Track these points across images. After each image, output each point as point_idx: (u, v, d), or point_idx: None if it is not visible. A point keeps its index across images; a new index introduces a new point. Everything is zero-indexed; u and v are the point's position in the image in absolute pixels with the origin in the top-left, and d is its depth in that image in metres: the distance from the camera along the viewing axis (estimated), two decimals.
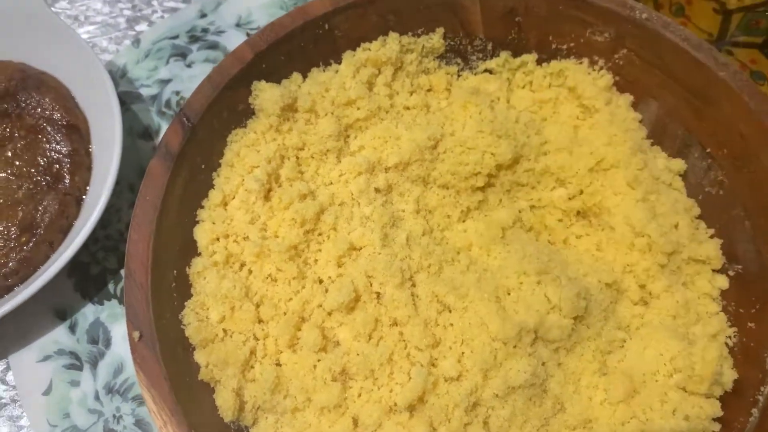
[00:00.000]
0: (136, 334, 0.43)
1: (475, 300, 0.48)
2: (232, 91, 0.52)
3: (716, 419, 0.48)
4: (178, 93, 0.70)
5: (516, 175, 0.56)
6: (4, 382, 0.57)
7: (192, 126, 0.50)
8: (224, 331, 0.48)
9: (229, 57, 0.52)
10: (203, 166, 0.52)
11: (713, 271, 0.53)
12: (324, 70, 0.57)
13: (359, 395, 0.46)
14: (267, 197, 0.52)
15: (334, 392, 0.46)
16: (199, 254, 0.50)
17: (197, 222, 0.51)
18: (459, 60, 0.61)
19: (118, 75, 0.71)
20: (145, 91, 0.70)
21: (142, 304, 0.44)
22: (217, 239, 0.50)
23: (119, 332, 0.59)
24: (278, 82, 0.55)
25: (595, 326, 0.50)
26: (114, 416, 0.56)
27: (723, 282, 0.52)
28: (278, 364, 0.48)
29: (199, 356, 0.46)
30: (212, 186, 0.52)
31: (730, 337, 0.51)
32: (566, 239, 0.55)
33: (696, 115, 0.55)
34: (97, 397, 0.56)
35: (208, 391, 0.46)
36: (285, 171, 0.52)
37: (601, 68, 0.59)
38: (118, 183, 0.57)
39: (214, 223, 0.50)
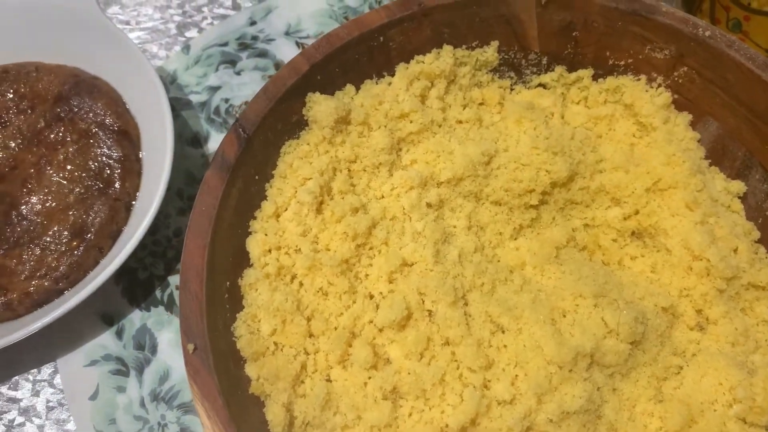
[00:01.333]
0: (191, 347, 0.43)
1: (529, 322, 0.47)
2: (286, 103, 0.52)
3: None
4: (227, 100, 0.70)
5: (570, 193, 0.55)
6: (52, 386, 0.58)
7: (248, 137, 0.49)
8: (275, 344, 0.47)
9: (285, 68, 0.52)
10: (257, 177, 0.51)
11: None
12: (377, 83, 0.57)
13: (410, 415, 0.46)
14: (319, 210, 0.51)
15: (385, 411, 0.45)
16: (251, 266, 0.50)
17: (250, 233, 0.51)
18: (512, 73, 0.60)
19: (168, 81, 0.71)
20: (194, 98, 0.70)
21: (197, 315, 0.44)
22: (269, 251, 0.50)
23: (165, 339, 0.59)
24: (332, 93, 0.55)
25: (651, 351, 0.49)
26: (159, 424, 0.56)
27: None
28: (329, 380, 0.47)
29: (251, 369, 0.46)
30: (265, 197, 0.52)
31: None
32: (620, 260, 0.54)
33: (758, 136, 0.54)
34: (142, 404, 0.56)
35: (258, 405, 0.46)
36: (337, 184, 0.52)
37: (660, 86, 0.57)
38: (167, 189, 0.57)
39: (266, 235, 0.50)
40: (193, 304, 0.44)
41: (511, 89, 0.61)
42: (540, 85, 0.61)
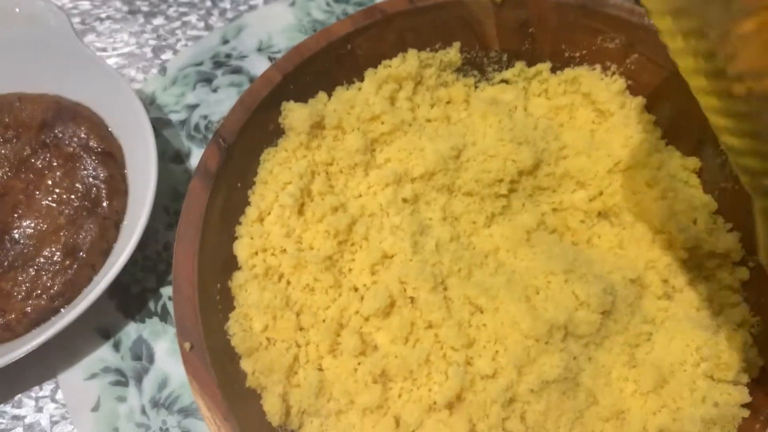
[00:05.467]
0: (188, 345, 0.45)
1: (505, 301, 0.50)
2: (263, 113, 0.55)
3: (744, 405, 0.49)
4: (205, 117, 0.72)
5: (537, 180, 0.58)
6: (55, 401, 0.60)
7: (228, 147, 0.52)
8: (268, 339, 0.50)
9: (259, 80, 0.55)
10: (239, 185, 0.54)
11: (733, 263, 0.55)
12: (348, 88, 0.60)
13: (399, 395, 0.48)
14: (301, 211, 0.54)
15: (376, 394, 0.48)
16: (240, 268, 0.52)
17: (236, 238, 0.53)
18: (476, 72, 0.64)
19: (147, 102, 0.74)
20: (174, 117, 0.73)
21: (191, 317, 0.46)
22: (256, 253, 0.52)
23: (162, 348, 0.61)
24: (305, 101, 0.57)
25: (622, 320, 0.52)
26: (161, 429, 0.58)
27: (744, 273, 0.54)
28: (320, 369, 0.50)
29: (246, 364, 0.49)
30: (248, 203, 0.55)
31: (753, 326, 0.52)
32: (589, 239, 0.57)
33: None
34: (143, 412, 0.59)
35: (255, 398, 0.48)
36: (316, 186, 0.55)
37: (614, 73, 0.61)
38: (153, 206, 0.60)
39: (252, 238, 0.53)
40: (187, 307, 0.47)
41: (476, 87, 0.64)
42: (503, 80, 0.64)
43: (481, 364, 0.48)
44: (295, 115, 0.55)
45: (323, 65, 0.58)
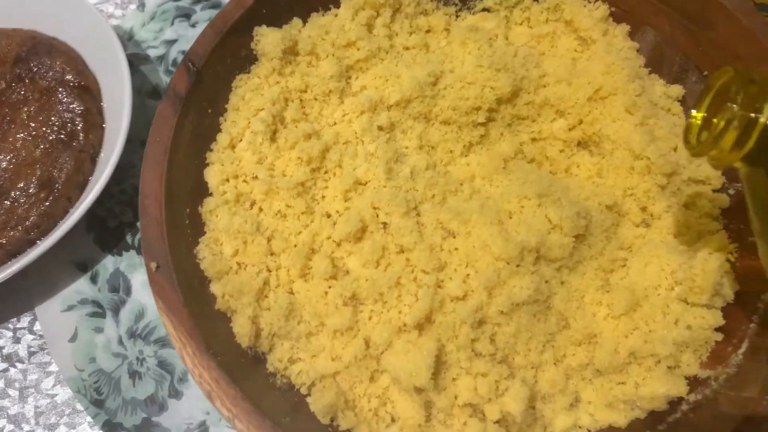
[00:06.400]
0: (154, 265, 0.45)
1: (478, 224, 0.49)
2: (234, 37, 0.54)
3: (718, 329, 0.49)
4: (184, 52, 0.71)
5: (516, 109, 0.57)
6: (32, 332, 0.60)
7: (197, 70, 0.51)
8: (238, 264, 0.50)
9: (231, 3, 0.54)
10: (210, 111, 0.53)
11: (713, 191, 0.54)
12: (323, 15, 0.58)
13: (370, 318, 0.48)
14: (273, 138, 0.53)
15: (346, 316, 0.47)
16: (211, 194, 0.52)
17: (207, 165, 0.53)
18: (456, 0, 0.62)
19: (125, 38, 0.72)
20: (152, 52, 0.72)
21: (158, 237, 0.46)
22: (227, 180, 0.52)
23: (138, 280, 0.61)
24: (279, 27, 0.56)
25: (596, 246, 0.51)
26: (137, 359, 0.58)
27: (724, 201, 0.53)
28: (291, 293, 0.49)
29: (215, 288, 0.48)
30: (220, 130, 0.54)
31: (731, 252, 0.52)
32: (568, 168, 0.56)
33: (693, 40, 0.56)
34: (120, 342, 0.59)
35: (225, 321, 0.48)
36: (289, 113, 0.54)
37: (597, 0, 0.59)
38: (130, 141, 0.60)
39: (223, 165, 0.52)
40: (154, 228, 0.46)
41: (457, 16, 0.62)
42: (484, 9, 0.62)
43: (451, 286, 0.48)
44: (267, 39, 0.54)
45: None
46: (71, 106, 0.64)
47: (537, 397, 0.49)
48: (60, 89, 0.65)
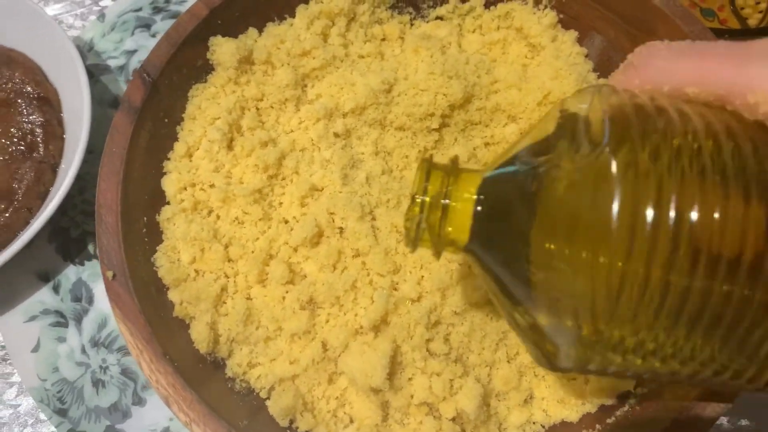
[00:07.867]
0: (110, 274, 0.46)
1: None
2: (190, 48, 0.55)
3: None
4: None
5: (469, 114, 0.59)
6: None
7: (152, 81, 0.52)
8: (195, 271, 0.50)
9: (186, 14, 0.54)
10: (166, 120, 0.54)
11: None
12: (279, 24, 0.59)
13: (327, 321, 0.49)
14: (230, 147, 0.54)
15: (303, 320, 0.48)
16: (168, 203, 0.52)
17: (164, 173, 0.53)
18: (411, 9, 0.63)
19: (85, 49, 0.73)
20: (112, 63, 0.72)
21: (114, 246, 0.47)
22: (185, 188, 0.52)
23: (101, 289, 0.61)
24: (235, 37, 0.57)
25: None
26: (101, 367, 0.58)
27: None
28: (249, 299, 0.50)
29: (173, 295, 0.49)
30: (177, 139, 0.55)
31: None
32: None
33: (634, 42, 0.57)
34: (83, 351, 0.59)
35: (183, 327, 0.49)
36: (246, 121, 0.55)
37: (546, 7, 0.61)
38: (92, 151, 0.60)
39: (180, 173, 0.53)
40: (110, 237, 0.47)
41: (411, 24, 0.64)
42: (438, 17, 0.64)
43: (406, 288, 0.49)
44: (222, 49, 0.55)
45: (253, 0, 0.57)
46: (31, 117, 0.64)
47: (491, 395, 0.50)
48: (19, 101, 0.65)
